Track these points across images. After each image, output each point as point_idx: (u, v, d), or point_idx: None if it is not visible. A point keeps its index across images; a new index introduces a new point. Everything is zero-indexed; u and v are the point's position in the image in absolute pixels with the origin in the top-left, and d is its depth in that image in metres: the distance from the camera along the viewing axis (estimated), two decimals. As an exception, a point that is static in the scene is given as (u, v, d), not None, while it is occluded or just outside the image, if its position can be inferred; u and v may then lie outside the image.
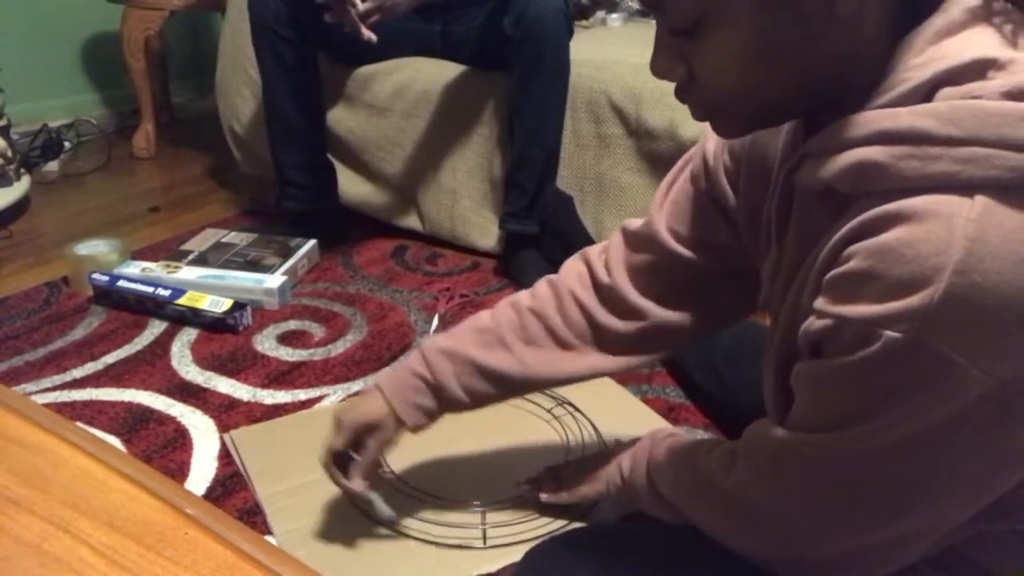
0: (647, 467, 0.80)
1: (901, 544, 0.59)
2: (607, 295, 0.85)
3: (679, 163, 0.83)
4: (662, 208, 0.82)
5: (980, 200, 0.48)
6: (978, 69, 0.49)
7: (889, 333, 0.50)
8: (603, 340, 0.86)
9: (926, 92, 0.51)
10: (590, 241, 1.68)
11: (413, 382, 0.88)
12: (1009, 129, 0.47)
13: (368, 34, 1.54)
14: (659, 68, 0.58)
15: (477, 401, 0.89)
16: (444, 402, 0.88)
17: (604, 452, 0.95)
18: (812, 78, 0.55)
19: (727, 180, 0.76)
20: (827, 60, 0.54)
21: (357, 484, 0.89)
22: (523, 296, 0.90)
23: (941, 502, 0.56)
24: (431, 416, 0.89)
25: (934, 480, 0.55)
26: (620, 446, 0.90)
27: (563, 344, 0.87)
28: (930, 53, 0.51)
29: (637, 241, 0.84)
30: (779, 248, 0.67)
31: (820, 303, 0.55)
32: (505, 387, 0.89)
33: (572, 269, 0.90)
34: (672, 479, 0.76)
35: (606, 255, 0.87)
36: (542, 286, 0.90)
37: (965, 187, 0.48)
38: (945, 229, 0.48)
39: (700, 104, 0.59)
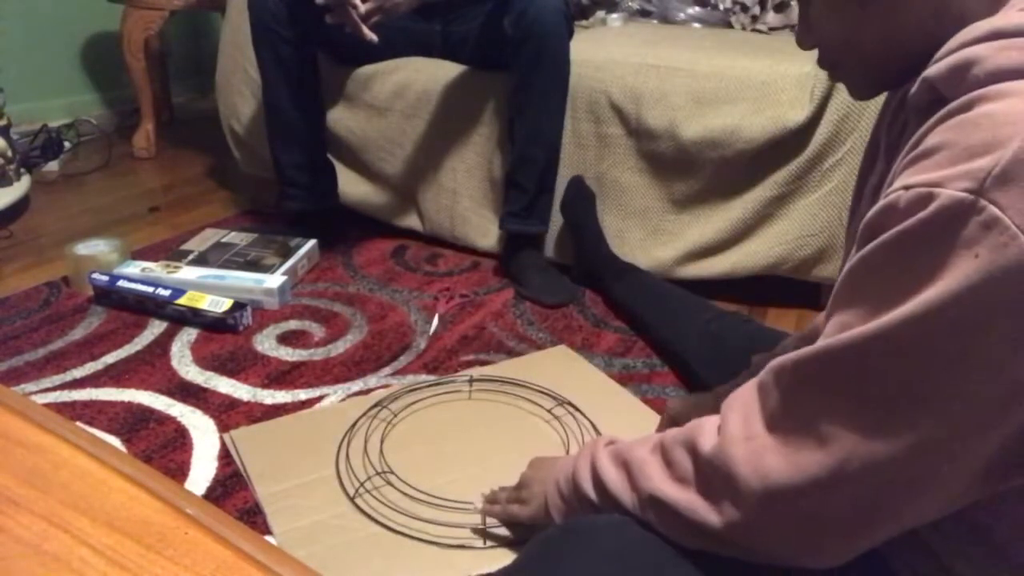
0: (592, 472, 0.76)
1: (918, 481, 0.55)
2: None
3: None
4: None
5: None
6: None
7: (948, 191, 0.50)
8: None
9: None
10: (602, 241, 1.68)
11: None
12: None
13: (370, 35, 1.54)
14: (797, 38, 0.69)
15: None
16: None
17: (534, 463, 0.94)
18: (903, 22, 0.60)
19: None
20: (913, 19, 0.59)
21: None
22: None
23: (974, 401, 0.52)
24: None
25: (972, 371, 0.51)
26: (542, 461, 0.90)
27: None
28: None
29: None
30: (886, 167, 0.68)
31: (890, 187, 0.54)
32: None
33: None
34: (628, 467, 0.72)
35: None
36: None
37: None
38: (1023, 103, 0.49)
39: (829, 64, 0.68)
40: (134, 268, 1.63)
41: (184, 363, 1.39)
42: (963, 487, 0.56)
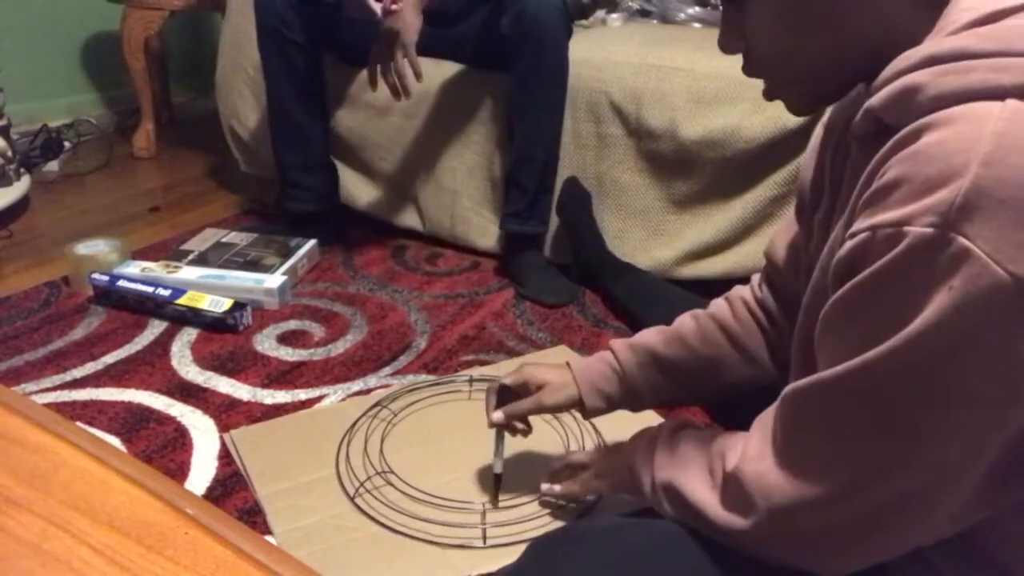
0: (652, 455, 0.78)
1: (911, 498, 0.56)
2: (763, 305, 0.91)
3: None
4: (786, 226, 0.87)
5: (1011, 103, 0.50)
6: None
7: (916, 229, 0.50)
8: (770, 347, 0.91)
9: (979, 25, 0.53)
10: (600, 240, 1.69)
11: (601, 368, 0.94)
12: None
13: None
14: (721, 42, 0.65)
15: (656, 393, 0.94)
16: (626, 391, 0.93)
17: (615, 445, 0.94)
18: (847, 41, 0.59)
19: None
20: (859, 23, 0.58)
21: (495, 415, 0.97)
22: (699, 309, 0.95)
23: (961, 426, 0.54)
24: (610, 403, 0.94)
25: (956, 398, 0.53)
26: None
27: (736, 344, 0.91)
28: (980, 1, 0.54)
29: (767, 256, 0.90)
30: (831, 198, 0.68)
31: (855, 224, 0.55)
32: (681, 382, 0.93)
33: (744, 286, 0.95)
34: (675, 463, 0.74)
35: (761, 272, 0.93)
36: (717, 300, 0.96)
37: (997, 94, 0.50)
38: (974, 128, 0.49)
39: (758, 74, 0.65)
40: (134, 268, 1.63)
41: (184, 363, 1.39)
42: (959, 506, 0.58)
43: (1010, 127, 0.49)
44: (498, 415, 0.96)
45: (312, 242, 1.78)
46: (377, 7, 1.53)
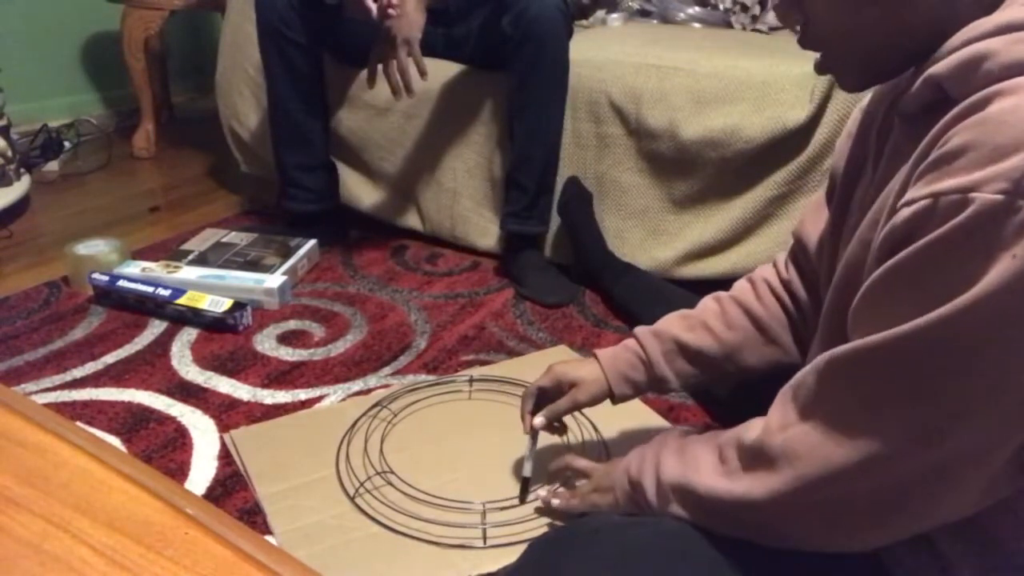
0: (657, 461, 0.77)
1: (945, 472, 0.56)
2: (788, 287, 0.92)
3: None
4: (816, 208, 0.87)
5: None
6: None
7: (983, 195, 0.49)
8: (793, 328, 0.91)
9: None
10: (601, 241, 1.68)
11: (627, 356, 0.96)
12: None
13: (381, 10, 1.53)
14: (780, 12, 0.65)
15: (681, 378, 0.96)
16: (653, 378, 0.95)
17: (615, 460, 0.92)
18: (909, 23, 0.58)
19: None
20: (925, 5, 0.57)
21: (537, 421, 0.99)
22: (722, 292, 0.98)
23: (1009, 397, 0.53)
24: (637, 390, 0.97)
25: (1011, 367, 0.52)
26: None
27: (760, 326, 0.92)
28: None
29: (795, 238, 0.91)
30: (872, 176, 0.67)
31: (912, 192, 0.54)
32: (705, 366, 0.95)
33: (767, 267, 0.96)
34: (684, 463, 0.73)
35: (787, 253, 0.94)
36: (740, 281, 0.98)
37: None
38: None
39: (814, 48, 0.64)
40: (134, 268, 1.63)
41: (184, 363, 1.39)
42: (988, 484, 0.57)
43: None
44: (539, 420, 0.98)
45: (312, 242, 1.78)
46: (373, 7, 1.52)
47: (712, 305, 0.96)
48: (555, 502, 0.95)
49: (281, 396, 1.29)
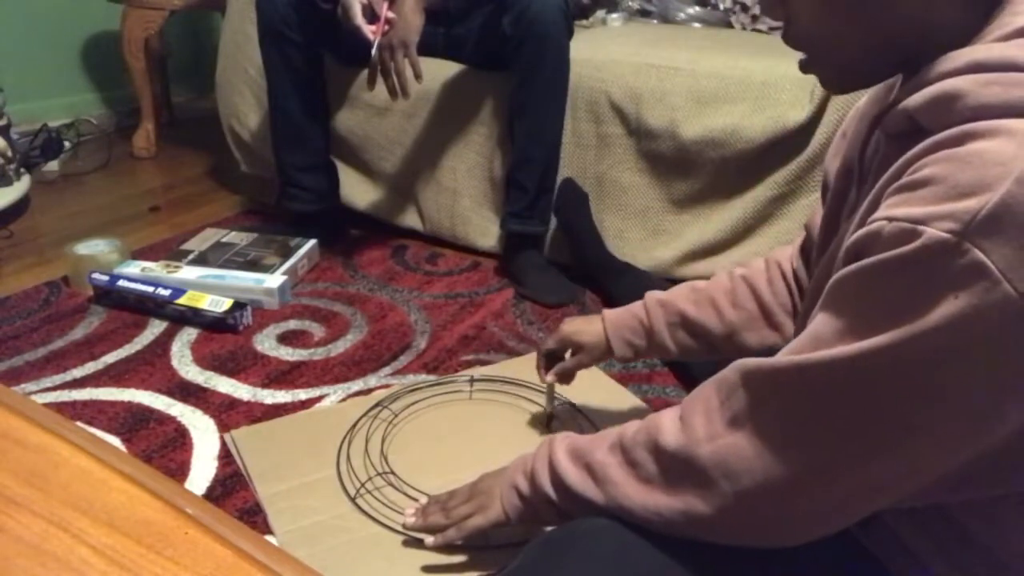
0: (550, 472, 0.76)
1: (881, 488, 0.57)
2: (796, 276, 0.93)
3: None
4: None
5: None
6: None
7: (932, 231, 0.49)
8: (796, 316, 0.92)
9: None
10: (599, 240, 1.68)
11: (632, 323, 1.03)
12: None
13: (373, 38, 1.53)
14: (765, 3, 0.65)
15: (681, 349, 1.00)
16: (654, 346, 1.02)
17: (483, 477, 0.89)
18: (891, 30, 0.58)
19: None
20: (907, 12, 0.57)
21: (549, 377, 1.11)
22: (739, 267, 1.00)
23: (941, 429, 0.54)
24: (638, 353, 1.04)
25: (941, 402, 0.53)
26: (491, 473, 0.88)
27: (765, 310, 0.94)
28: None
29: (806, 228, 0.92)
30: (858, 193, 0.67)
31: (877, 212, 0.54)
32: (706, 342, 0.98)
33: (786, 247, 0.98)
34: (590, 470, 0.72)
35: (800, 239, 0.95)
36: (757, 260, 0.99)
37: None
38: (1016, 144, 0.48)
39: (796, 47, 0.64)
40: (134, 268, 1.63)
41: (184, 363, 1.39)
42: (923, 490, 0.58)
43: None
44: (551, 377, 1.11)
45: (312, 242, 1.78)
46: (368, 30, 1.51)
47: (724, 282, 0.98)
48: (409, 521, 0.92)
49: (281, 396, 1.29)
